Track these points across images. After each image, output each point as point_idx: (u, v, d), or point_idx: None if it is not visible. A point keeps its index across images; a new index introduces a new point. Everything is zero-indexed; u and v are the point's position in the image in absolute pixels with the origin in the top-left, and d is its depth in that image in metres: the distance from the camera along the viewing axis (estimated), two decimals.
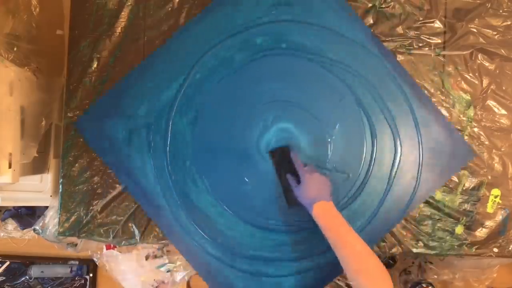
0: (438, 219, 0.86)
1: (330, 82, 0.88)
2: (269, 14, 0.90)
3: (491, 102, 0.87)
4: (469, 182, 0.86)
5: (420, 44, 0.88)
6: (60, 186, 0.94)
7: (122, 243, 0.94)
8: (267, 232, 0.87)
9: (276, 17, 0.90)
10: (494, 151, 0.86)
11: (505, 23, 0.87)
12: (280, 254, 0.87)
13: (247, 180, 0.88)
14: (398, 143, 0.86)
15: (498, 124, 0.87)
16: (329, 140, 0.87)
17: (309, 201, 0.75)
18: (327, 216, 0.73)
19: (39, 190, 1.06)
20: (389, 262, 1.29)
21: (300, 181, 0.79)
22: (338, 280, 1.24)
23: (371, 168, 0.86)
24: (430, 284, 1.20)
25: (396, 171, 0.86)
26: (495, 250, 0.85)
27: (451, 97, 0.87)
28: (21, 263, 1.37)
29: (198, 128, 0.90)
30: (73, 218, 0.93)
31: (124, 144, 0.91)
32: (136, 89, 0.92)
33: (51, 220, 1.11)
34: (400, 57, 0.88)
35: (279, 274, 0.86)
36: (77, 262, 1.35)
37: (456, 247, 0.85)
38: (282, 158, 0.85)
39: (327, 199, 0.74)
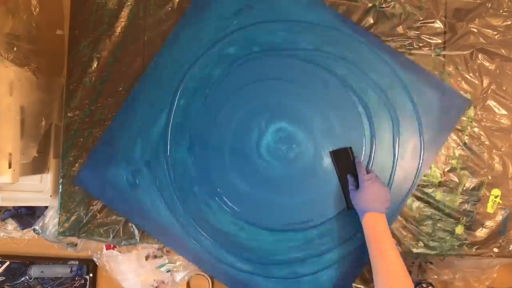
0: (438, 219, 0.86)
1: (312, 72, 0.88)
2: (232, 24, 0.90)
3: (491, 102, 0.87)
4: (469, 182, 0.86)
5: (420, 44, 0.88)
6: (60, 186, 0.94)
7: (122, 243, 0.94)
8: (290, 233, 0.87)
9: (240, 25, 0.90)
10: (494, 151, 0.86)
11: (505, 23, 0.87)
12: (311, 251, 0.86)
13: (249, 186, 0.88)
14: (396, 123, 0.86)
15: (498, 124, 0.87)
16: (327, 132, 0.87)
17: (362, 208, 0.75)
18: (375, 228, 0.73)
19: (39, 190, 1.06)
20: None
21: (359, 185, 0.79)
22: None
23: (373, 152, 0.86)
24: (430, 284, 1.20)
25: (398, 150, 0.86)
26: (495, 250, 0.85)
27: None
28: (21, 263, 1.37)
29: (197, 153, 0.89)
30: (73, 218, 0.93)
31: (129, 189, 0.91)
32: (126, 131, 0.91)
33: (51, 220, 1.11)
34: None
35: (315, 270, 0.86)
36: (77, 262, 1.35)
37: (456, 247, 0.85)
38: (344, 159, 0.85)
39: (381, 211, 0.74)
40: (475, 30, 0.87)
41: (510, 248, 0.85)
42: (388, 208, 0.76)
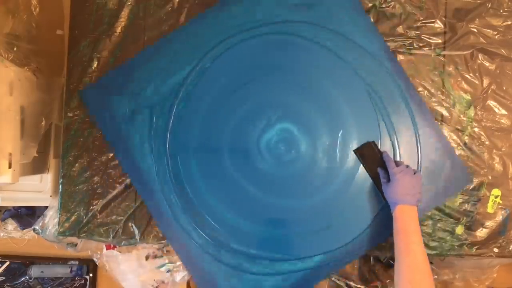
0: (439, 219, 0.86)
1: (337, 84, 0.88)
2: (286, 14, 0.89)
3: (491, 102, 0.87)
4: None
5: (421, 44, 0.88)
6: (60, 186, 0.94)
7: (122, 243, 0.94)
8: (256, 225, 0.88)
9: (292, 17, 0.89)
10: (494, 151, 0.86)
11: (505, 23, 0.87)
12: (265, 253, 0.87)
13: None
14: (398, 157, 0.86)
15: (498, 124, 0.87)
16: (333, 143, 0.87)
17: (393, 200, 0.75)
18: (404, 221, 0.73)
19: (39, 190, 1.06)
20: (390, 262, 1.29)
21: (389, 178, 0.79)
22: (338, 279, 1.24)
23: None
24: None
25: None
26: (496, 250, 0.85)
27: (451, 97, 0.87)
28: (21, 263, 1.37)
29: (200, 121, 0.90)
30: (73, 218, 0.93)
31: (125, 121, 0.92)
32: (146, 69, 0.92)
33: (51, 220, 1.10)
34: (400, 57, 0.88)
35: (261, 273, 0.87)
36: (77, 262, 1.35)
37: (456, 247, 0.85)
38: (370, 154, 0.85)
39: (411, 203, 0.74)
40: (475, 30, 0.87)
41: (510, 248, 0.85)
42: (420, 200, 0.75)
